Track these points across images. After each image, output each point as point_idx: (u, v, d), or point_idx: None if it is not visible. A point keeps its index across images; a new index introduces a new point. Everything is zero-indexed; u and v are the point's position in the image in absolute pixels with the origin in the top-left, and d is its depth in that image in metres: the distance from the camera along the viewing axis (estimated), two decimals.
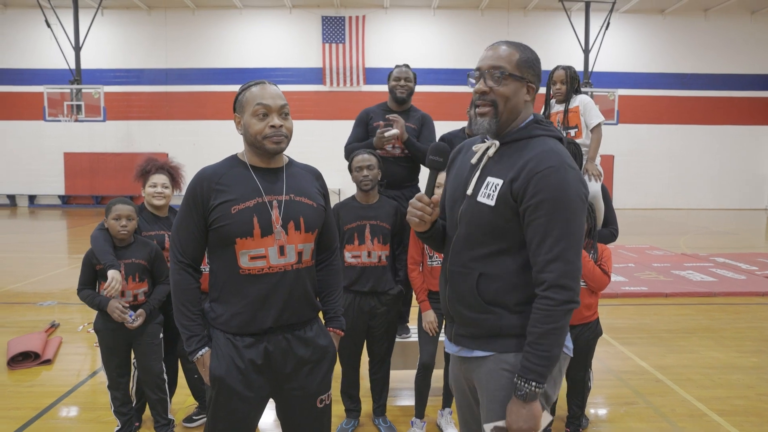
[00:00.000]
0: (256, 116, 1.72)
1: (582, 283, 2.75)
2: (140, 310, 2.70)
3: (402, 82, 3.47)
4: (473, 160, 1.61)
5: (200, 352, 1.75)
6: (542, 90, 3.51)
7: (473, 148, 1.64)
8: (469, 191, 1.57)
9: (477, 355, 1.60)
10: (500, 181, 1.50)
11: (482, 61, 1.56)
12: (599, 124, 3.28)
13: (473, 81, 1.59)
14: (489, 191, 1.51)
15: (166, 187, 2.92)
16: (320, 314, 1.95)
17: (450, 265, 1.63)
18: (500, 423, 1.50)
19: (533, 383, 1.44)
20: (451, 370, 1.81)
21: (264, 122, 1.72)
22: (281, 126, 1.73)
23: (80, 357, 4.29)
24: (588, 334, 2.80)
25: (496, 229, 1.51)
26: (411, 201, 1.60)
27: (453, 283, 1.62)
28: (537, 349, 1.44)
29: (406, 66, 3.54)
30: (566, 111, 3.33)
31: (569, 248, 1.44)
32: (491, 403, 1.55)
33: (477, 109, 1.56)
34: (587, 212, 2.78)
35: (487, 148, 1.58)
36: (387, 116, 3.42)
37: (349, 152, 3.48)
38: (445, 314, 1.73)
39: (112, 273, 2.55)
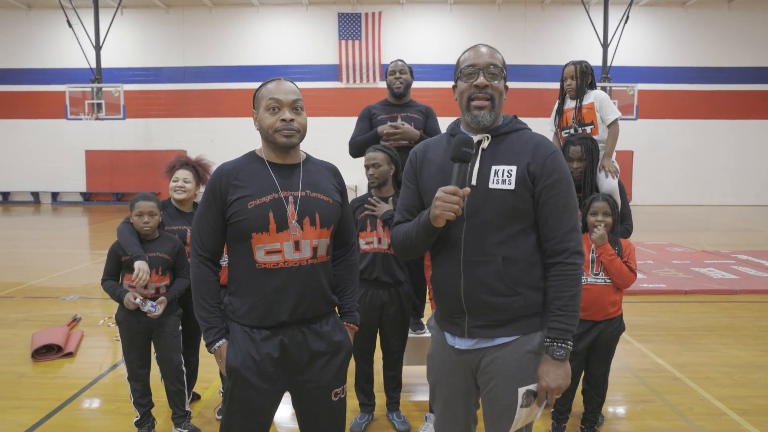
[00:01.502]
0: (269, 110, 1.76)
1: (608, 281, 2.77)
2: (161, 298, 2.76)
3: (397, 75, 3.51)
4: None
5: (217, 344, 1.79)
6: (555, 85, 3.49)
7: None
8: (474, 182, 1.61)
9: (497, 343, 1.64)
10: (513, 167, 1.60)
11: (476, 59, 1.65)
12: (616, 120, 3.24)
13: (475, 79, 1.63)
14: (503, 177, 1.60)
15: (188, 182, 2.98)
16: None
17: (467, 257, 1.62)
18: (532, 386, 1.62)
19: (569, 342, 1.60)
20: (443, 364, 1.77)
21: (276, 116, 1.75)
22: (292, 120, 1.75)
23: (101, 350, 4.39)
24: (612, 330, 2.80)
25: (516, 211, 1.60)
26: (440, 195, 1.53)
27: (472, 273, 1.62)
28: (568, 311, 1.59)
29: (401, 60, 3.58)
30: (579, 107, 3.28)
31: (578, 219, 1.65)
32: (508, 384, 1.62)
33: (475, 103, 1.64)
34: (614, 209, 2.78)
35: (478, 142, 1.65)
36: (391, 124, 3.39)
37: (354, 145, 3.52)
38: (454, 310, 1.68)
39: (139, 264, 2.61)
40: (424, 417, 3.05)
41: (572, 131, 3.30)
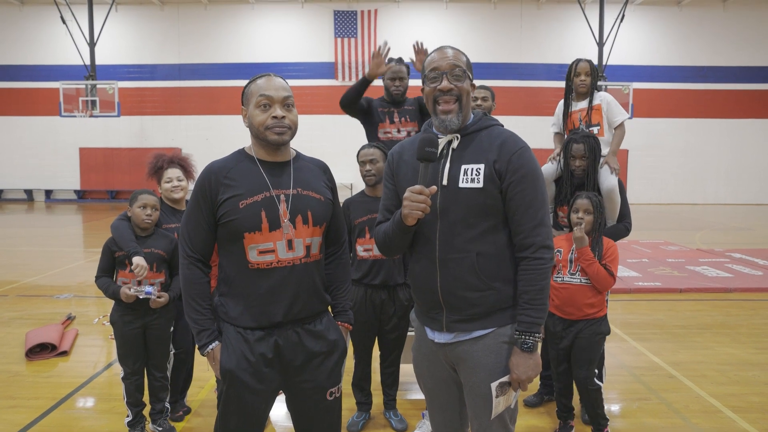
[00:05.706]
0: (259, 107, 1.73)
1: (584, 281, 2.76)
2: (165, 294, 2.74)
3: (397, 83, 3.46)
4: None
5: (210, 346, 1.76)
6: (558, 84, 3.46)
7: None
8: (445, 182, 1.65)
9: (474, 336, 1.69)
10: (481, 165, 1.64)
11: (440, 61, 1.67)
12: (623, 122, 3.26)
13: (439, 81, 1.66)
14: (472, 176, 1.64)
15: (181, 180, 2.98)
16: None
17: (442, 254, 1.67)
18: (504, 378, 1.68)
19: (537, 335, 1.64)
20: (425, 357, 1.83)
21: (266, 113, 1.73)
22: (284, 117, 1.73)
23: (96, 349, 4.36)
24: (591, 333, 2.76)
25: (486, 208, 1.64)
26: (407, 195, 1.57)
27: (448, 269, 1.67)
28: (536, 304, 1.63)
29: (400, 60, 3.50)
30: (590, 108, 3.25)
31: (546, 213, 1.66)
32: (488, 376, 1.67)
33: (442, 107, 1.67)
34: (597, 208, 2.76)
35: (448, 142, 1.69)
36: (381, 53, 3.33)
37: (344, 96, 3.54)
38: (432, 305, 1.73)
39: (137, 260, 2.61)
40: (421, 414, 3.05)
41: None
